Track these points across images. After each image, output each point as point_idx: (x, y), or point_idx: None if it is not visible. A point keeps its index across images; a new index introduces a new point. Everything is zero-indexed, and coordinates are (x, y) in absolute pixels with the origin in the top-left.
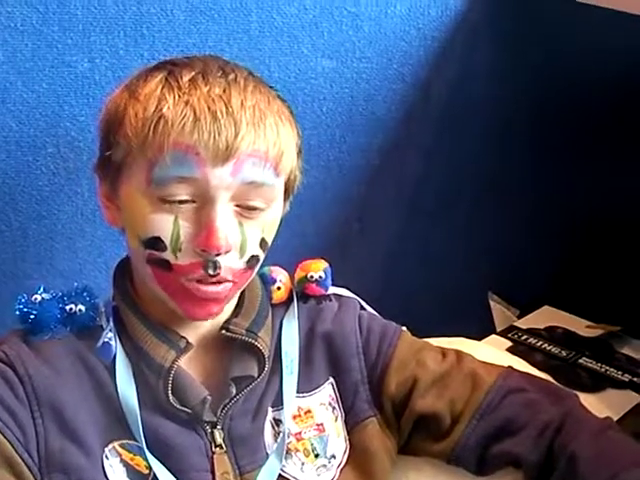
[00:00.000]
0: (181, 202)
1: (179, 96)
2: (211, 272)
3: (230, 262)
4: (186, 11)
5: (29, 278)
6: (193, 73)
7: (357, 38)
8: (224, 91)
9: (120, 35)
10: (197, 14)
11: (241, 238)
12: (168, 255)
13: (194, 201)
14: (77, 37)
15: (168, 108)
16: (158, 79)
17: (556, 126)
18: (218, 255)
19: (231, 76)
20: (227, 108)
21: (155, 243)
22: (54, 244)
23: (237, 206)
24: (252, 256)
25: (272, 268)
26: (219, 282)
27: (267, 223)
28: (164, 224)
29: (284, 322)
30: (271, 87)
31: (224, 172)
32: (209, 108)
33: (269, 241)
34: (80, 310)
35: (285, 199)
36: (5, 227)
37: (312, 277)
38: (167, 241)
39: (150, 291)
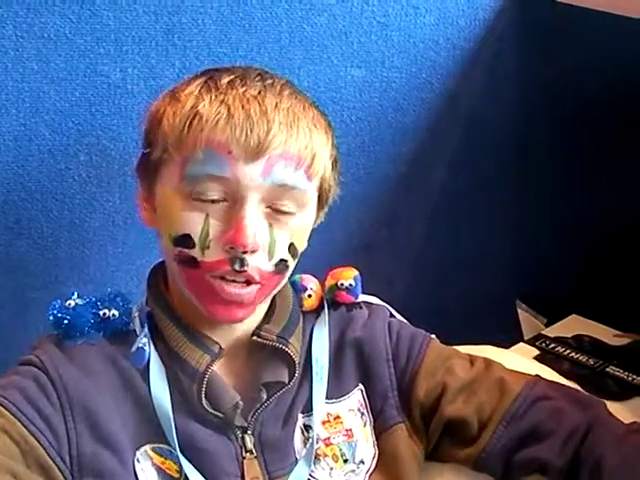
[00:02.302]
0: (213, 201)
1: (215, 96)
2: (237, 268)
3: (258, 262)
4: (217, 21)
5: (61, 285)
6: (232, 77)
7: (386, 48)
8: (259, 93)
9: (152, 45)
10: (228, 24)
11: (269, 240)
12: (196, 252)
13: (225, 200)
14: (109, 47)
15: (204, 106)
16: (198, 82)
17: (583, 134)
18: (245, 252)
19: (268, 81)
20: (261, 107)
21: (184, 240)
22: (86, 251)
23: (268, 208)
24: (281, 260)
25: (303, 276)
26: (246, 284)
27: (297, 229)
28: (195, 221)
29: (315, 329)
30: (314, 102)
31: (255, 171)
32: (243, 107)
33: (299, 247)
34: (114, 315)
35: (319, 209)
36: (37, 234)
37: (342, 285)
38: (196, 238)
39: (182, 294)
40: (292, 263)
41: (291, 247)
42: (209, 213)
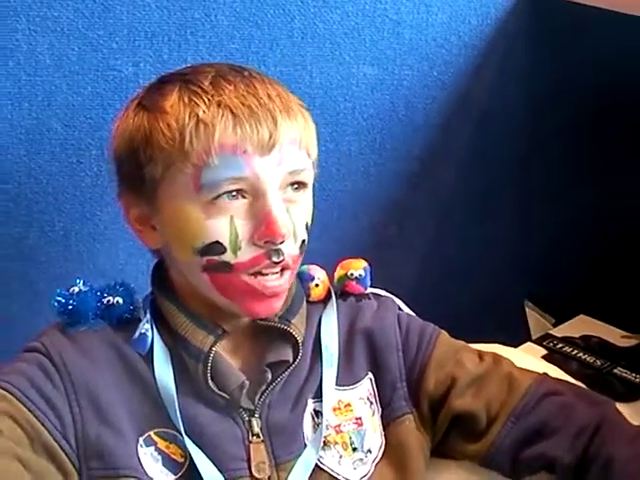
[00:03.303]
0: (234, 201)
1: (209, 99)
2: (276, 259)
3: (288, 249)
4: (230, 17)
5: (71, 278)
6: (210, 77)
7: (398, 45)
8: (248, 86)
9: (164, 40)
10: (241, 20)
11: (292, 224)
12: (228, 256)
13: (245, 197)
14: (122, 42)
15: (203, 112)
16: (176, 90)
17: (593, 133)
18: (282, 243)
19: (245, 73)
20: (258, 100)
21: (214, 248)
22: (97, 245)
23: (284, 194)
24: (302, 241)
25: (310, 266)
26: (282, 270)
27: (307, 206)
28: (221, 226)
29: (323, 317)
30: None
31: (271, 163)
32: (243, 104)
33: (310, 225)
34: (118, 302)
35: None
36: (49, 228)
37: (352, 275)
38: (226, 242)
39: (191, 287)
40: (307, 240)
41: (307, 226)
42: (233, 214)
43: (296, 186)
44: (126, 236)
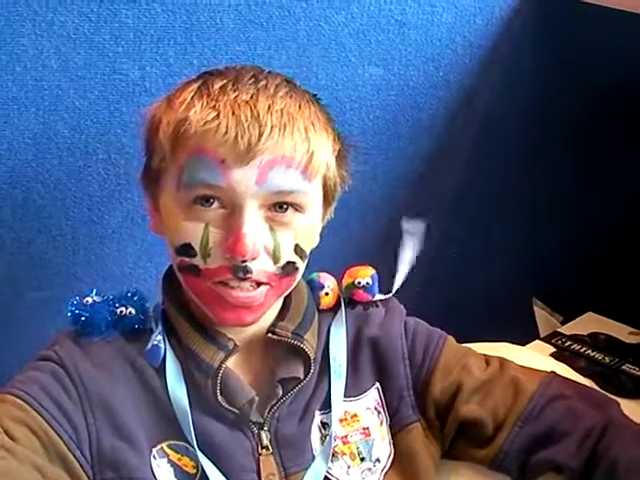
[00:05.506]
0: (211, 210)
1: (207, 103)
2: (241, 276)
3: (263, 266)
4: (235, 20)
5: (80, 282)
6: (225, 81)
7: (404, 46)
8: (251, 97)
9: (170, 44)
10: (246, 23)
11: (273, 243)
12: (198, 261)
13: (223, 208)
14: (128, 46)
15: (195, 113)
16: (192, 88)
17: (600, 133)
18: (244, 261)
19: (262, 83)
20: (252, 112)
21: (186, 250)
22: (104, 249)
23: (268, 212)
24: (288, 262)
25: (320, 274)
26: (256, 285)
27: (301, 229)
28: (195, 231)
29: (332, 327)
30: (314, 95)
31: (249, 178)
32: (233, 112)
33: (306, 248)
34: (130, 313)
35: (326, 206)
36: (57, 231)
37: (359, 283)
38: (197, 247)
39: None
40: (301, 263)
41: (297, 248)
42: (209, 222)
43: (285, 207)
44: (134, 240)
